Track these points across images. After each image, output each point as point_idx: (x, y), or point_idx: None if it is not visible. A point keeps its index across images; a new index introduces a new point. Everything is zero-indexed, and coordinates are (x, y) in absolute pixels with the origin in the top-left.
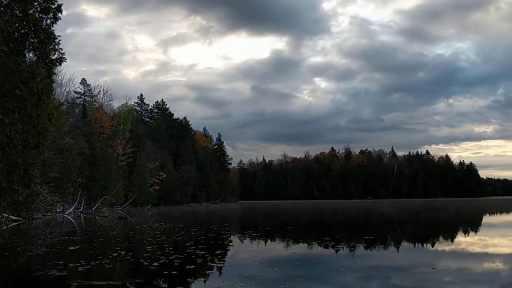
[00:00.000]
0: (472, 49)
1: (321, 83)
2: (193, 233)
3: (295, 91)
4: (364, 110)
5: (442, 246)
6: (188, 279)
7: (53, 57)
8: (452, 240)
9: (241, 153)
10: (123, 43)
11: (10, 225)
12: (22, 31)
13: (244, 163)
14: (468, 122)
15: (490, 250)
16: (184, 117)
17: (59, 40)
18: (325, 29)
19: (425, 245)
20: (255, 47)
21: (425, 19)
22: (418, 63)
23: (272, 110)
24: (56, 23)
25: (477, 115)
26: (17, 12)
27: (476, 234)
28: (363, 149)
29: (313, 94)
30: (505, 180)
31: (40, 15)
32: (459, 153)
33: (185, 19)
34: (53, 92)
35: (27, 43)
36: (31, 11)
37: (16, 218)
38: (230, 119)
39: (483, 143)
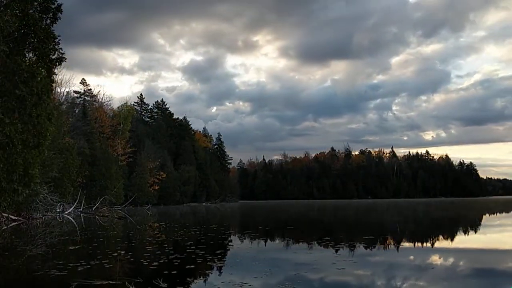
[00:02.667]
0: None
1: None
2: (193, 233)
3: None
4: None
5: (442, 245)
6: (188, 279)
7: (53, 57)
8: (452, 239)
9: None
10: None
11: (10, 225)
12: (22, 31)
13: (244, 163)
14: None
15: (490, 249)
16: (184, 116)
17: (59, 39)
18: None
19: (424, 244)
20: None
21: None
22: None
23: None
24: (56, 23)
25: None
26: (17, 12)
27: (476, 233)
28: (363, 149)
29: None
30: (505, 180)
31: (40, 15)
32: None
33: None
34: (53, 92)
35: (27, 43)
36: (31, 11)
37: (16, 217)
38: None
39: None
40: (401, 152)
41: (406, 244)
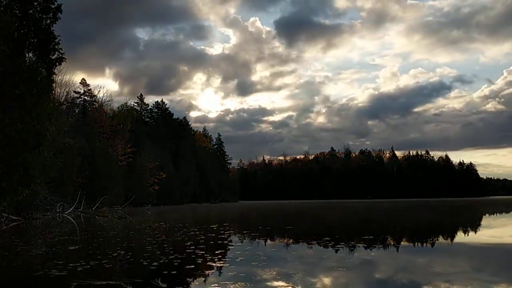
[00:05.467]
0: None
1: None
2: (192, 233)
3: None
4: None
5: (442, 245)
6: (188, 279)
7: (53, 57)
8: (452, 239)
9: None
10: None
11: (10, 225)
12: (22, 31)
13: (244, 163)
14: None
15: (490, 248)
16: (184, 117)
17: (59, 40)
18: None
19: (424, 245)
20: None
21: None
22: None
23: None
24: (56, 23)
25: None
26: (17, 12)
27: (476, 233)
28: (363, 149)
29: None
30: (505, 180)
31: (40, 15)
32: None
33: None
34: (53, 92)
35: (27, 43)
36: (30, 11)
37: (16, 218)
38: None
39: None
40: (401, 152)
41: (404, 244)
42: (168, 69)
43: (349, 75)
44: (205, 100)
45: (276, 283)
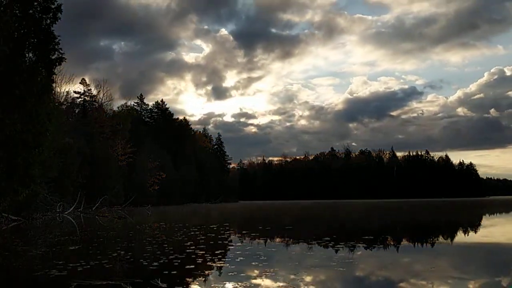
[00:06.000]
0: None
1: None
2: (192, 233)
3: None
4: None
5: (443, 246)
6: (188, 279)
7: (53, 57)
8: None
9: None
10: None
11: (10, 225)
12: (22, 31)
13: (244, 163)
14: None
15: (489, 249)
16: (184, 117)
17: (59, 40)
18: None
19: (424, 245)
20: None
21: None
22: None
23: None
24: (56, 23)
25: None
26: (17, 12)
27: (476, 233)
28: (363, 149)
29: None
30: (505, 180)
31: (40, 15)
32: None
33: None
34: (53, 92)
35: (27, 43)
36: (30, 11)
37: (15, 218)
38: None
39: None
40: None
41: (405, 244)
42: (142, 76)
43: (321, 81)
44: (186, 104)
45: (276, 284)
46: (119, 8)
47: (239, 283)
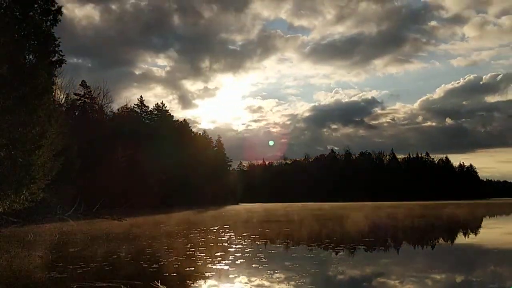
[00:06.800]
0: None
1: None
2: (193, 235)
3: None
4: None
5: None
6: (188, 281)
7: (53, 59)
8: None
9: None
10: None
11: (10, 227)
12: (22, 33)
13: (244, 165)
14: None
15: (489, 250)
16: (184, 119)
17: (59, 42)
18: None
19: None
20: None
21: None
22: None
23: None
24: (56, 25)
25: None
26: (17, 14)
27: (476, 236)
28: (363, 151)
29: None
30: (505, 182)
31: (40, 17)
32: None
33: None
34: (53, 94)
35: (27, 45)
36: (31, 13)
37: (15, 220)
38: None
39: None
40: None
41: (405, 246)
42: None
43: (288, 91)
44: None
45: (277, 286)
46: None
47: (239, 285)
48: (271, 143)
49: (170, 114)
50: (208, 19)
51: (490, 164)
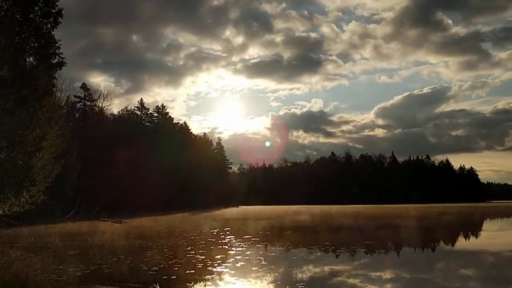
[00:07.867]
0: None
1: None
2: (193, 237)
3: None
4: None
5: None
6: (187, 284)
7: (54, 62)
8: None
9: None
10: None
11: (10, 229)
12: (23, 35)
13: (244, 167)
14: None
15: (489, 252)
16: (184, 121)
17: (59, 44)
18: None
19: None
20: None
21: None
22: None
23: None
24: (56, 28)
25: None
26: (18, 16)
27: (476, 237)
28: (364, 154)
29: None
30: (505, 184)
31: (41, 19)
32: None
33: None
34: (53, 96)
35: (28, 47)
36: (31, 16)
37: (16, 222)
38: None
39: None
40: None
41: (405, 248)
42: None
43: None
44: None
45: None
46: None
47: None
48: (267, 144)
49: (170, 116)
50: None
51: None
